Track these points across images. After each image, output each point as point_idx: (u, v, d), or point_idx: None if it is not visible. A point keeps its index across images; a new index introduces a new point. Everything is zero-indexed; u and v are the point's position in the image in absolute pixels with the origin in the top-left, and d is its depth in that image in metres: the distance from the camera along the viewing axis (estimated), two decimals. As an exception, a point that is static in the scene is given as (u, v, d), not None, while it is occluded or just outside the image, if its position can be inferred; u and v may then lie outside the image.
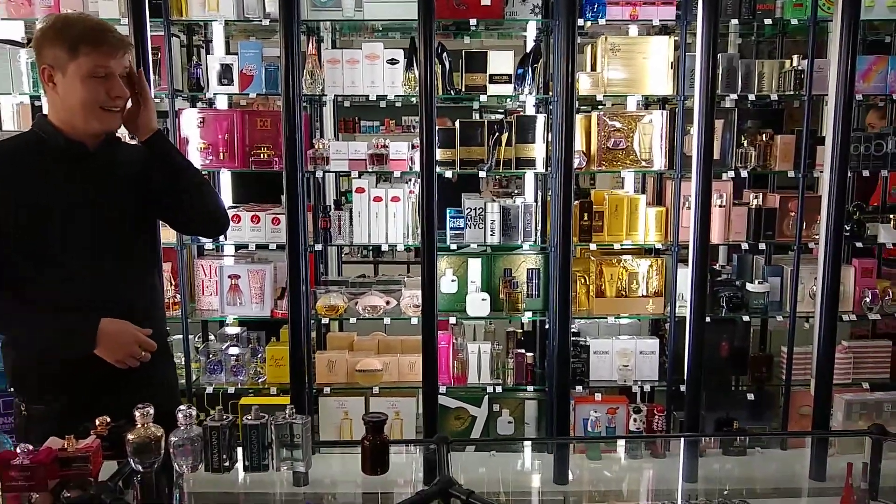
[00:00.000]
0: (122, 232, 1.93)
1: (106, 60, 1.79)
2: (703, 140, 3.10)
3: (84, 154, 1.86)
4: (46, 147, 1.84)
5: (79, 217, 1.85)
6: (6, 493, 1.59)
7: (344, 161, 3.30)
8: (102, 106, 1.81)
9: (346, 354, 3.45)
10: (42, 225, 1.80)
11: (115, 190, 1.92)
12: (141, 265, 2.01)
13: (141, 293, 1.99)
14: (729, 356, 3.53)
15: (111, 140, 1.94)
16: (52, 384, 1.86)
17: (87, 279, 1.87)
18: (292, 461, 1.74)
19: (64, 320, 1.83)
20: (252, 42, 3.38)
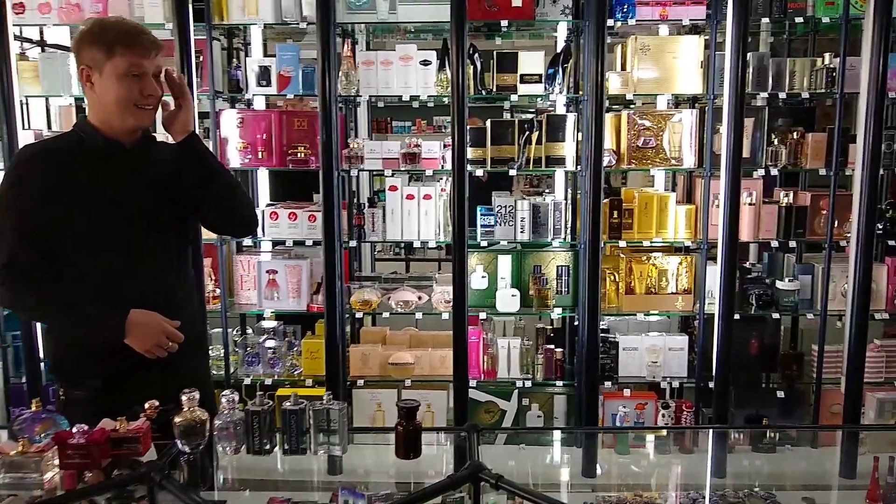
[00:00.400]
0: (156, 228, 2.01)
1: (139, 60, 1.87)
2: (732, 138, 3.12)
3: (121, 152, 1.96)
4: (85, 145, 1.94)
5: (115, 212, 1.94)
6: (64, 469, 1.70)
7: (378, 160, 3.38)
8: (136, 104, 1.90)
9: (379, 348, 3.55)
10: (79, 219, 1.90)
11: (149, 187, 2.00)
12: (174, 260, 2.09)
13: (173, 287, 2.07)
14: (759, 354, 3.53)
15: (147, 139, 2.03)
16: (87, 371, 1.95)
17: (121, 272, 1.95)
18: (329, 445, 1.83)
19: (96, 311, 1.92)
20: (289, 45, 3.49)
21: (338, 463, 2.25)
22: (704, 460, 3.11)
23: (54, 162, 1.92)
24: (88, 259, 1.93)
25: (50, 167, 1.90)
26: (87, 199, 1.91)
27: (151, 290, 1.99)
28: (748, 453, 3.37)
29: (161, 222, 2.03)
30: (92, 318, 1.93)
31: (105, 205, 1.93)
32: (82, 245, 1.92)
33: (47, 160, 1.92)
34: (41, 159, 1.93)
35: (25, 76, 3.29)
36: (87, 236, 1.92)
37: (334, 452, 1.84)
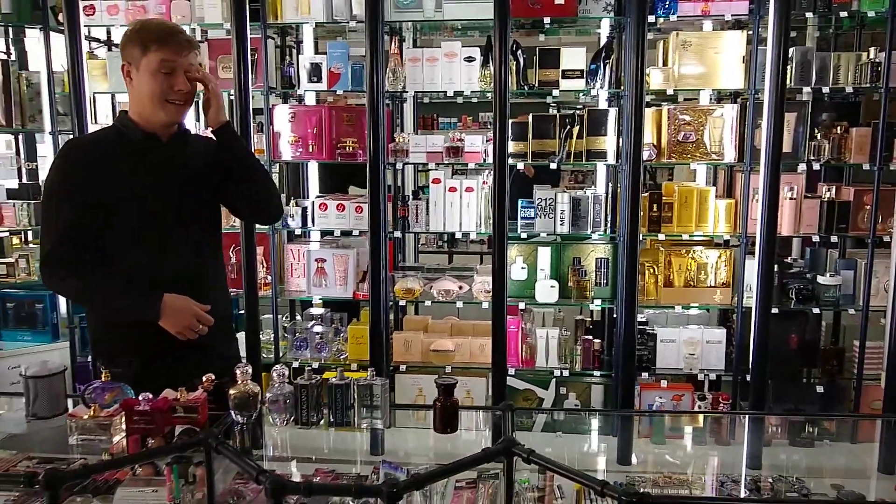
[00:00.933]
0: (190, 217, 2.14)
1: (171, 57, 1.99)
2: (772, 133, 3.14)
3: (158, 145, 2.09)
4: (125, 139, 2.07)
5: (152, 202, 2.06)
6: (130, 435, 1.85)
7: (422, 153, 3.49)
8: (167, 98, 2.01)
9: (421, 335, 3.67)
10: (118, 209, 2.02)
11: (184, 178, 2.13)
12: (205, 248, 2.21)
13: (204, 273, 2.20)
14: (798, 348, 3.54)
15: (183, 133, 2.16)
16: (125, 351, 2.08)
17: (156, 259, 2.08)
18: (371, 419, 1.95)
19: (133, 294, 2.05)
20: (339, 42, 3.63)
21: (379, 441, 2.36)
22: (740, 452, 3.14)
23: (96, 154, 2.04)
24: (126, 246, 2.06)
25: (92, 159, 2.03)
26: (126, 189, 2.03)
27: (184, 275, 2.11)
28: (785, 447, 3.38)
29: (194, 212, 2.15)
30: (129, 302, 2.05)
31: (143, 195, 2.05)
32: (120, 233, 2.05)
33: (90, 153, 2.05)
34: (84, 152, 2.07)
35: (94, 74, 3.50)
36: (125, 225, 2.04)
37: (376, 426, 1.96)
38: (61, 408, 2.01)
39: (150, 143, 2.08)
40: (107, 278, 2.07)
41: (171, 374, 1.96)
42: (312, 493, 1.56)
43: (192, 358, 2.07)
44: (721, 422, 3.46)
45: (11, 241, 4.17)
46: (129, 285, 2.06)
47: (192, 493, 1.69)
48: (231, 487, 1.78)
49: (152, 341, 2.05)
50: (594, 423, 3.66)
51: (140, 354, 2.06)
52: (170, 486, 1.68)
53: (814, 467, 3.20)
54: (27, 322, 3.85)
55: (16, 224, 3.89)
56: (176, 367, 2.03)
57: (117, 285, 2.06)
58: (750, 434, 3.06)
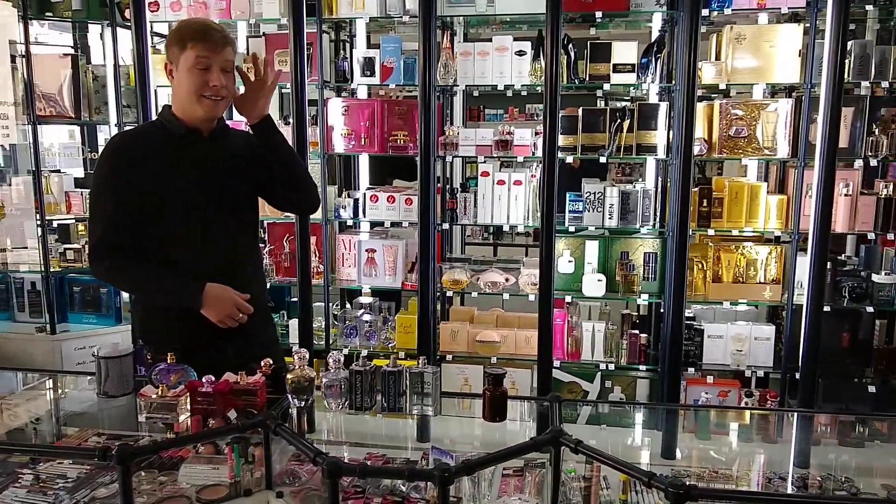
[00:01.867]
0: (229, 209, 2.20)
1: (206, 53, 2.05)
2: (828, 128, 3.10)
3: (199, 139, 2.16)
4: (167, 133, 2.14)
5: (193, 194, 2.14)
6: (193, 415, 1.94)
7: (471, 146, 3.53)
8: (203, 94, 2.08)
9: (467, 326, 3.72)
10: (161, 201, 2.10)
11: (224, 172, 2.19)
12: (243, 239, 2.28)
13: (242, 263, 2.27)
14: (851, 347, 3.48)
15: (223, 128, 2.23)
16: (168, 338, 2.15)
17: (197, 250, 2.16)
18: (422, 406, 2.01)
19: (177, 283, 2.13)
20: (392, 36, 3.69)
21: (427, 428, 2.42)
22: (787, 450, 3.11)
23: (141, 148, 2.13)
24: (168, 237, 2.14)
25: (137, 153, 2.11)
26: (168, 182, 2.11)
27: (224, 266, 2.19)
28: (834, 447, 3.34)
29: (234, 204, 2.22)
30: (172, 291, 2.13)
31: (184, 189, 2.13)
32: (163, 225, 2.13)
33: (135, 146, 2.14)
34: (130, 145, 2.15)
35: (157, 68, 3.62)
36: (167, 217, 2.12)
37: (427, 412, 2.02)
38: (129, 387, 2.12)
39: (191, 138, 2.15)
40: (151, 268, 2.14)
41: (213, 361, 2.04)
42: (367, 476, 1.63)
43: (233, 345, 2.17)
44: (768, 419, 3.43)
45: (77, 228, 4.36)
46: (172, 275, 2.14)
47: (251, 472, 1.77)
48: (287, 468, 1.86)
49: (195, 330, 2.13)
50: (639, 417, 3.66)
51: (183, 342, 2.13)
52: (230, 464, 1.76)
53: (863, 468, 3.15)
54: (92, 305, 4.04)
55: (82, 212, 4.07)
56: (218, 355, 2.12)
57: (161, 275, 2.14)
58: (798, 432, 3.04)
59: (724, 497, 1.78)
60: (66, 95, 3.92)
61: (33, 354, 3.89)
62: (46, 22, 4.24)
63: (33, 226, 4.00)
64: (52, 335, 3.96)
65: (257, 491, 1.74)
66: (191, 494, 1.70)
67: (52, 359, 3.87)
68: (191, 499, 1.68)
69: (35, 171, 3.83)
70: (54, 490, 1.71)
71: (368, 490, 1.75)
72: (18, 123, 3.95)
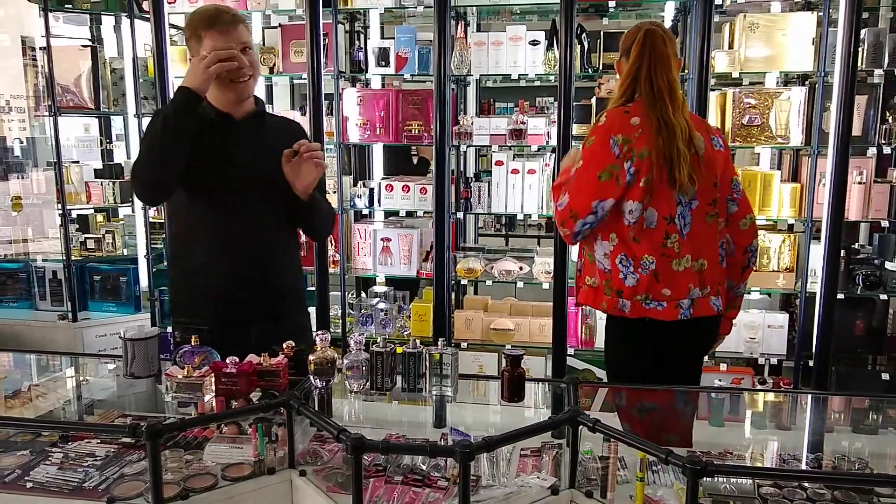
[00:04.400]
0: (259, 193, 2.22)
1: (220, 39, 2.08)
2: (842, 116, 3.10)
3: (230, 123, 2.20)
4: (201, 117, 2.16)
5: (221, 177, 2.17)
6: (217, 395, 1.99)
7: (485, 136, 3.56)
8: (229, 77, 2.10)
9: (481, 314, 3.76)
10: (192, 176, 2.14)
11: (256, 156, 2.21)
12: (274, 223, 2.29)
13: (272, 248, 2.29)
14: (864, 335, 3.50)
15: (258, 114, 2.26)
16: (199, 318, 2.21)
17: (224, 226, 2.20)
18: (441, 387, 2.05)
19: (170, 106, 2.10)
20: (407, 27, 3.71)
21: (444, 413, 2.45)
22: (800, 436, 3.13)
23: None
24: (199, 209, 2.21)
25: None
26: (198, 161, 2.14)
27: (251, 249, 2.23)
28: (847, 433, 3.35)
29: (265, 188, 2.22)
30: (172, 105, 2.08)
31: (212, 168, 2.17)
32: (194, 197, 2.19)
33: None
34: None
35: (174, 59, 3.67)
36: (197, 191, 2.18)
37: (445, 393, 2.05)
38: (154, 369, 2.16)
39: (222, 122, 2.19)
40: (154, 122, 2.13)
41: (241, 343, 2.09)
42: (389, 452, 1.67)
43: (260, 328, 2.21)
44: (781, 406, 3.45)
45: (97, 218, 4.42)
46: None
47: (274, 450, 1.81)
48: (308, 448, 1.89)
49: (223, 311, 2.20)
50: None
51: (211, 322, 2.19)
52: (254, 443, 1.80)
53: (877, 454, 3.16)
54: (112, 294, 4.11)
55: (102, 202, 4.13)
56: (248, 334, 2.17)
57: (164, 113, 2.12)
58: (811, 416, 3.05)
59: (740, 473, 1.81)
60: (85, 87, 3.97)
61: (55, 342, 3.96)
62: (61, 15, 4.29)
63: (54, 215, 4.07)
64: (74, 322, 4.03)
65: (280, 469, 1.77)
66: (216, 472, 1.74)
67: (74, 346, 3.95)
68: (216, 476, 1.72)
69: (56, 161, 3.89)
70: (83, 468, 1.76)
71: (389, 469, 1.78)
72: (37, 115, 4.02)
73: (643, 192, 2.18)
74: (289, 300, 2.33)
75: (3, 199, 4.20)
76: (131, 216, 4.20)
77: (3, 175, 4.27)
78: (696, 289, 2.25)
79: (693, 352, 2.43)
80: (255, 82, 2.20)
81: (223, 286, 2.24)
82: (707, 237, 2.27)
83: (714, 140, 2.29)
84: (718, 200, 2.28)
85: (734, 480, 1.77)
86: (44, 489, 1.66)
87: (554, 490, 1.68)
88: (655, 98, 2.20)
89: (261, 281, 2.26)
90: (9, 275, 4.22)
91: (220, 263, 2.23)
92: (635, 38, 2.25)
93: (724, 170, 2.30)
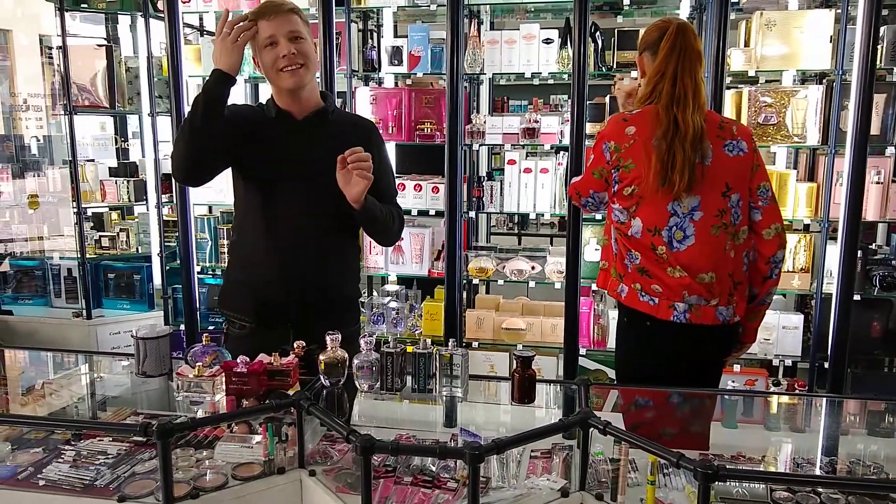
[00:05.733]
0: (317, 194, 2.19)
1: (271, 30, 2.07)
2: (859, 115, 3.06)
3: (291, 122, 2.19)
4: (261, 114, 2.21)
5: (277, 175, 2.17)
6: (228, 395, 1.99)
7: (498, 135, 3.55)
8: (279, 68, 2.09)
9: (493, 314, 3.75)
10: (246, 171, 2.17)
11: (317, 155, 2.17)
12: (332, 223, 2.24)
13: (327, 249, 2.26)
14: (881, 337, 3.46)
15: (321, 112, 2.23)
16: (243, 312, 2.25)
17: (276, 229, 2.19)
18: (451, 388, 2.04)
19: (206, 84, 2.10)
20: (420, 25, 3.71)
21: (455, 413, 2.45)
22: (815, 439, 3.09)
23: (242, 116, 2.20)
24: (252, 206, 2.21)
25: (240, 117, 2.18)
26: (254, 160, 2.17)
27: (300, 246, 2.21)
28: (863, 436, 3.31)
29: (323, 189, 2.15)
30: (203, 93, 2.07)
31: (267, 166, 2.18)
32: (250, 193, 2.20)
33: (239, 112, 2.22)
34: (236, 110, 2.21)
35: (188, 58, 3.69)
36: (253, 187, 2.20)
37: (455, 394, 2.04)
38: (166, 367, 2.17)
39: (283, 120, 2.19)
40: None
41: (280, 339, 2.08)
42: (399, 453, 1.66)
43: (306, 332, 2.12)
44: (796, 408, 3.42)
45: (111, 217, 4.46)
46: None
47: (284, 450, 1.81)
48: (318, 448, 1.89)
49: (269, 303, 2.21)
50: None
51: (253, 319, 2.22)
52: (265, 442, 1.80)
53: (893, 458, 3.12)
54: (126, 292, 4.14)
55: (116, 200, 4.16)
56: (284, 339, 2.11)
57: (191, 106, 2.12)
58: (826, 419, 3.02)
59: (752, 478, 1.79)
60: (101, 86, 4.00)
61: (69, 339, 4.00)
62: (78, 14, 4.32)
63: (69, 213, 4.10)
64: (88, 320, 4.06)
65: (290, 469, 1.77)
66: (226, 472, 1.74)
67: (88, 343, 3.98)
68: (226, 476, 1.72)
69: (72, 160, 3.92)
70: (95, 466, 1.77)
71: (399, 469, 1.78)
72: (53, 114, 4.05)
73: (628, 200, 2.21)
74: (337, 307, 2.29)
75: (20, 196, 4.24)
76: (145, 214, 4.23)
77: (19, 173, 4.31)
78: (692, 296, 2.21)
79: (700, 358, 2.36)
80: (308, 74, 2.14)
81: (265, 285, 2.22)
82: (714, 250, 2.20)
83: (728, 146, 2.21)
84: (733, 210, 2.21)
85: (747, 484, 1.75)
86: (56, 487, 1.67)
87: (564, 492, 1.67)
88: (677, 96, 2.15)
89: (306, 283, 2.23)
90: (25, 272, 4.26)
91: (266, 261, 2.22)
92: (664, 33, 2.18)
93: (747, 177, 2.22)
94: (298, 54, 2.09)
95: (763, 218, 2.26)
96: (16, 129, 4.36)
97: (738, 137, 2.24)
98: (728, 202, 2.20)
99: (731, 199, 2.20)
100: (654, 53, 2.21)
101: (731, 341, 2.41)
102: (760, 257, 2.29)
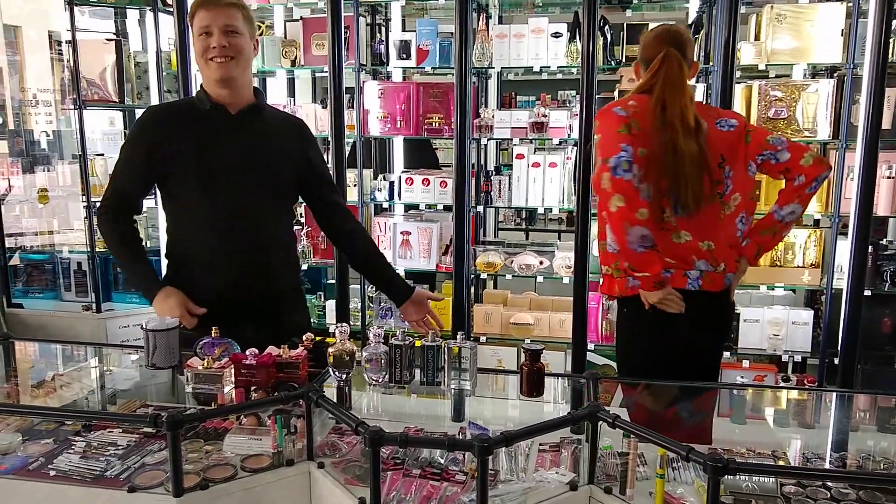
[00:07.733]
0: (252, 188, 2.18)
1: (206, 20, 2.08)
2: (871, 109, 3.04)
3: (224, 115, 2.17)
4: (195, 108, 2.18)
5: (212, 170, 2.14)
6: (237, 387, 2.00)
7: (506, 129, 3.54)
8: (209, 57, 2.09)
9: (500, 308, 3.74)
10: (180, 173, 2.14)
11: (250, 150, 2.18)
12: (269, 219, 2.26)
13: (266, 245, 2.26)
14: (892, 332, 3.43)
15: (255, 108, 2.22)
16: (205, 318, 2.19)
17: (215, 225, 2.17)
18: (460, 381, 2.04)
19: (142, 274, 2.23)
20: (428, 19, 3.70)
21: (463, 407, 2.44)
22: (824, 434, 3.08)
23: (168, 120, 2.19)
24: (188, 203, 2.18)
25: (163, 124, 2.18)
26: (189, 156, 2.14)
27: (243, 244, 2.20)
28: (873, 433, 3.29)
29: (259, 184, 2.19)
30: (136, 279, 2.26)
31: (204, 163, 2.15)
32: (185, 195, 2.18)
33: (162, 118, 2.21)
34: (158, 117, 2.23)
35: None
36: (188, 188, 2.16)
37: (464, 387, 2.04)
38: (175, 359, 2.17)
39: (216, 114, 2.17)
40: (132, 246, 2.24)
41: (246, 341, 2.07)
42: (408, 445, 1.66)
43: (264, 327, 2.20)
44: (805, 404, 3.40)
45: (120, 211, 4.46)
46: (144, 265, 2.24)
47: (293, 442, 1.81)
48: (327, 440, 1.90)
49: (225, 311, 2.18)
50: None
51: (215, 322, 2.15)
52: (274, 434, 1.80)
53: (904, 454, 3.11)
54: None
55: (125, 194, 4.16)
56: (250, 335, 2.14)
57: (135, 256, 2.23)
58: (836, 415, 3.01)
59: (762, 472, 1.78)
60: (110, 80, 4.01)
61: (80, 332, 4.01)
62: (87, 9, 4.33)
63: (79, 207, 4.12)
64: (98, 313, 4.08)
65: (299, 461, 1.77)
66: (235, 463, 1.75)
67: (98, 336, 4.00)
68: (235, 467, 1.73)
69: (81, 154, 3.93)
70: (105, 457, 1.77)
71: (407, 462, 1.78)
72: (63, 109, 4.06)
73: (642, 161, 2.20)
74: (289, 299, 2.31)
75: (31, 191, 4.25)
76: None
77: (29, 168, 4.33)
78: (701, 261, 2.26)
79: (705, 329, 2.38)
80: (237, 67, 2.13)
81: (213, 284, 2.21)
82: (711, 217, 2.26)
83: (720, 123, 2.29)
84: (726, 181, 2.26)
85: (756, 479, 1.75)
86: (67, 477, 1.68)
87: (572, 485, 1.67)
88: (666, 125, 2.21)
89: (252, 279, 2.23)
90: (35, 266, 4.27)
91: (209, 259, 2.21)
92: (654, 55, 2.28)
93: (742, 149, 2.27)
94: (230, 47, 2.09)
95: (792, 154, 2.26)
96: (26, 125, 4.38)
97: (727, 117, 2.34)
98: (723, 173, 2.27)
99: (725, 170, 2.27)
100: (646, 67, 2.33)
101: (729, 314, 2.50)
102: (808, 179, 2.24)
